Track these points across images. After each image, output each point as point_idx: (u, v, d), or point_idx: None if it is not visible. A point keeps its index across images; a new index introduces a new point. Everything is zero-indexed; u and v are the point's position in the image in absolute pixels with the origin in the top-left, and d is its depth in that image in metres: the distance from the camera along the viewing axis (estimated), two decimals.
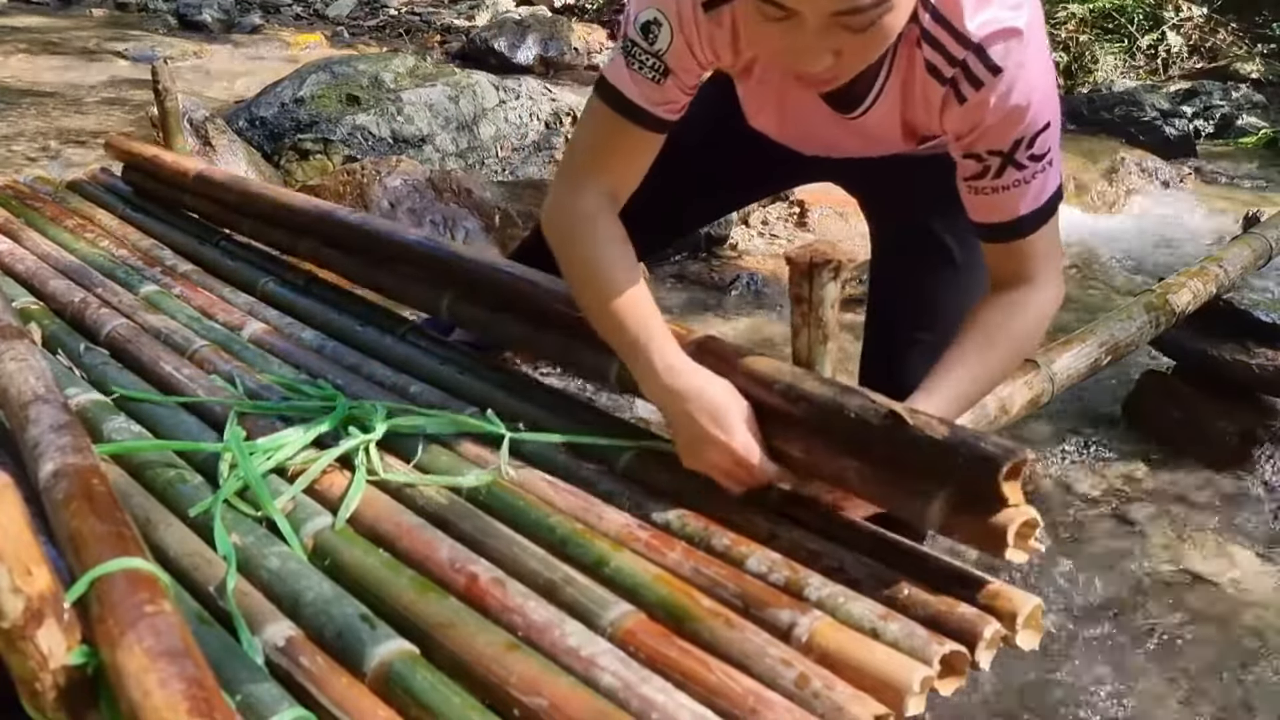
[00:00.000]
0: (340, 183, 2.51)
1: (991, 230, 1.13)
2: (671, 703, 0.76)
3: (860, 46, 0.97)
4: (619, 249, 1.14)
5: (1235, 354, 2.08)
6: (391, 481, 1.06)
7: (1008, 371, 1.23)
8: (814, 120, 1.24)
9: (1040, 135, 1.06)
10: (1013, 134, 1.05)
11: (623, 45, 1.14)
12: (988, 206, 1.12)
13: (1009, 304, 1.15)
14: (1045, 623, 0.90)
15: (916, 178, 1.32)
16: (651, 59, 1.12)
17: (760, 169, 1.43)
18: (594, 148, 1.19)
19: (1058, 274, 1.18)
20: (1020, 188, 1.08)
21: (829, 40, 0.94)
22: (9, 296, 1.44)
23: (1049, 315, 1.18)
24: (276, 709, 0.74)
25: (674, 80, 1.13)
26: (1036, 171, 1.08)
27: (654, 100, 1.14)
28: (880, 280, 1.47)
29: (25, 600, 0.63)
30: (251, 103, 3.81)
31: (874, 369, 1.40)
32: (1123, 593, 1.78)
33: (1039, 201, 1.10)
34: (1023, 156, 1.06)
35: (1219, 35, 6.29)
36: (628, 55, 1.13)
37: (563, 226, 1.17)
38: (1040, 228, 1.12)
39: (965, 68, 1.03)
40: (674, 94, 1.14)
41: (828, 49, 0.95)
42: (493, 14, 6.93)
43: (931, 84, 1.07)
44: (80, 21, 6.46)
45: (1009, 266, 1.15)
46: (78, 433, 0.93)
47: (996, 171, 1.08)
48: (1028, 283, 1.14)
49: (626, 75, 1.13)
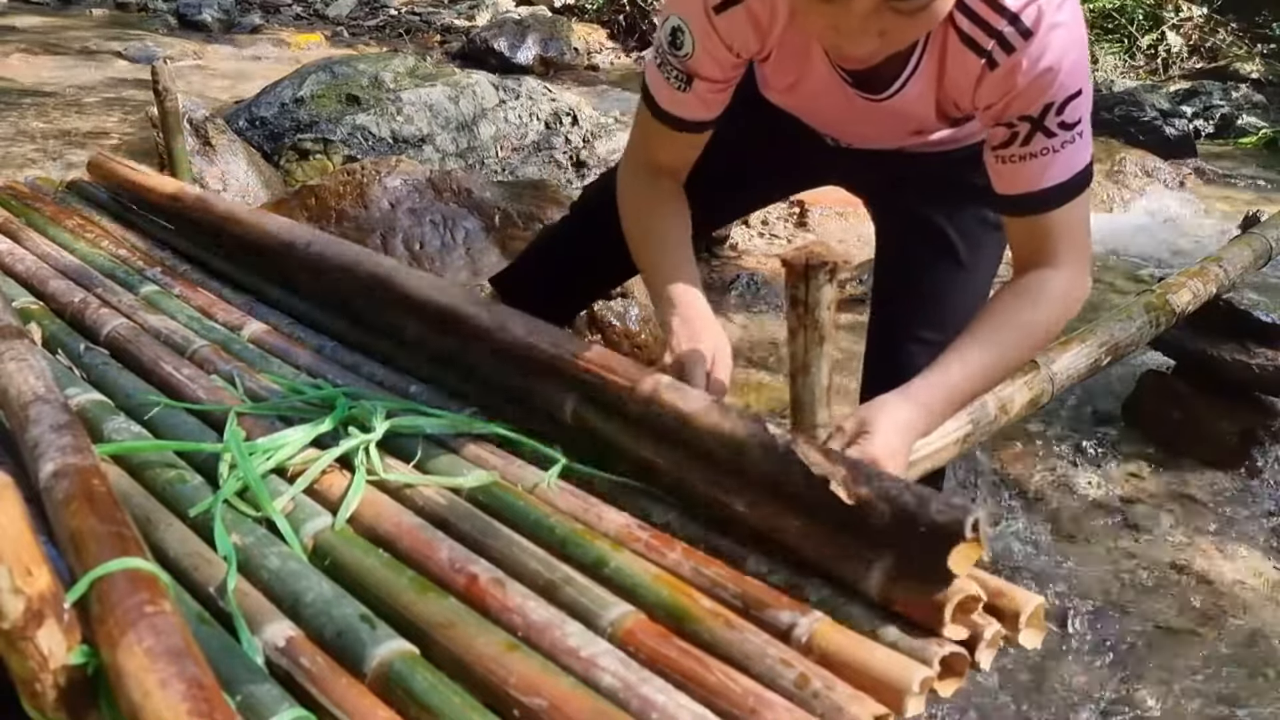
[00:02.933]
0: (340, 183, 2.51)
1: (1016, 203, 1.11)
2: (671, 703, 0.76)
3: (907, 28, 0.97)
4: (662, 203, 1.26)
5: (1235, 354, 2.08)
6: (391, 482, 1.06)
7: (1019, 361, 1.18)
8: (830, 105, 1.24)
9: (1071, 102, 1.05)
10: (1043, 98, 1.04)
11: (655, 48, 1.21)
12: (1013, 176, 1.10)
13: (1024, 290, 1.12)
14: (1045, 622, 0.89)
15: (926, 177, 1.32)
16: (677, 69, 1.18)
17: (777, 167, 1.43)
18: (641, 141, 1.30)
19: (1082, 262, 1.14)
20: (1048, 156, 1.07)
21: (876, 22, 0.95)
22: (9, 296, 1.44)
23: (1069, 305, 1.14)
24: (276, 709, 0.74)
25: (701, 85, 1.18)
26: (1066, 140, 1.06)
27: (681, 107, 1.21)
28: (884, 279, 1.46)
29: (25, 600, 0.63)
30: (251, 103, 3.82)
31: (877, 369, 1.39)
32: (1123, 592, 1.78)
33: (1066, 174, 1.08)
34: (1052, 123, 1.05)
35: (1219, 35, 6.29)
36: (659, 61, 1.20)
37: (621, 186, 1.31)
38: (1066, 204, 1.09)
39: (1001, 37, 1.03)
40: (701, 99, 1.20)
41: (874, 31, 0.96)
42: (493, 14, 6.94)
43: (969, 57, 1.06)
44: (80, 21, 6.46)
45: (1031, 246, 1.13)
46: (78, 433, 0.93)
47: (1025, 138, 1.07)
48: (1048, 266, 1.11)
49: (659, 79, 1.21)
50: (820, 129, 1.34)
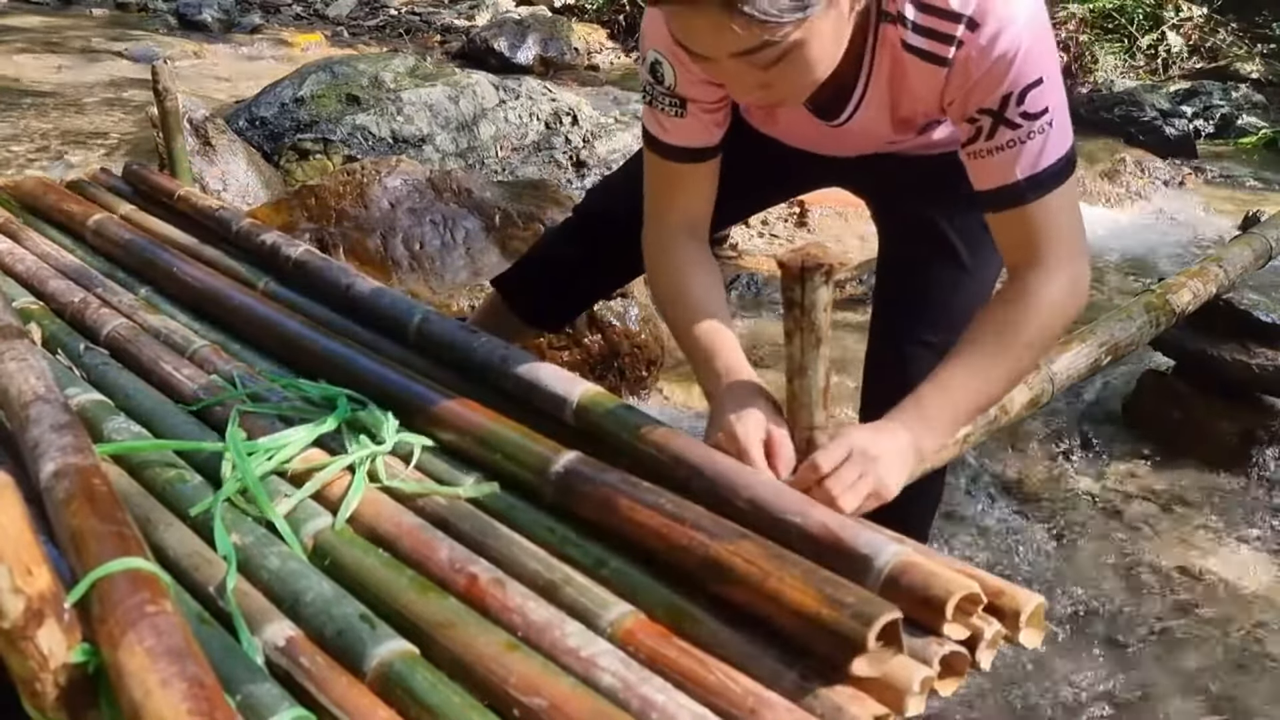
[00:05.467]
0: (340, 183, 2.50)
1: (991, 199, 1.10)
2: (671, 703, 0.76)
3: (782, 78, 0.99)
4: (693, 273, 1.22)
5: (1235, 354, 2.08)
6: (393, 487, 1.06)
7: (1019, 368, 1.14)
8: (803, 129, 1.27)
9: (1031, 91, 1.04)
10: (999, 89, 1.04)
11: (643, 89, 1.23)
12: (985, 171, 1.09)
13: (1014, 297, 1.10)
14: (1045, 621, 0.89)
15: (926, 179, 1.32)
16: (667, 96, 1.20)
17: (773, 174, 1.44)
18: (654, 190, 1.28)
19: (1071, 257, 1.10)
20: (1015, 148, 1.06)
21: (748, 76, 0.98)
22: (9, 296, 1.44)
23: (1064, 304, 1.10)
24: (276, 709, 0.74)
25: (696, 108, 1.19)
26: (1032, 130, 1.05)
27: (684, 133, 1.21)
28: (886, 280, 1.46)
29: (26, 600, 0.63)
30: (251, 103, 3.81)
31: (879, 371, 1.39)
32: (1123, 592, 1.79)
33: (1038, 166, 1.06)
34: (1014, 114, 1.04)
35: (1219, 35, 6.29)
36: (650, 98, 1.21)
37: (648, 259, 1.29)
38: (1043, 196, 1.07)
39: (954, 40, 1.03)
40: (700, 120, 1.20)
41: (752, 83, 1.00)
42: (493, 14, 6.93)
43: (929, 69, 1.06)
44: (80, 21, 6.45)
45: (1014, 243, 1.11)
46: (78, 433, 0.94)
47: (990, 132, 1.06)
48: (1036, 266, 1.09)
49: (654, 117, 1.22)
50: (801, 148, 1.35)
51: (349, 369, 1.26)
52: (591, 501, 0.98)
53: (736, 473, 0.98)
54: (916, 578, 0.83)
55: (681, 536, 0.90)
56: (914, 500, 1.17)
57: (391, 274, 2.32)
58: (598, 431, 1.10)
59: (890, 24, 1.06)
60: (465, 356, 1.27)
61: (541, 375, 1.17)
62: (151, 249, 1.64)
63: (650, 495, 0.95)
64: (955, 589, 0.81)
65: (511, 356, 1.22)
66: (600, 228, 1.52)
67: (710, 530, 0.89)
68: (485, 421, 1.11)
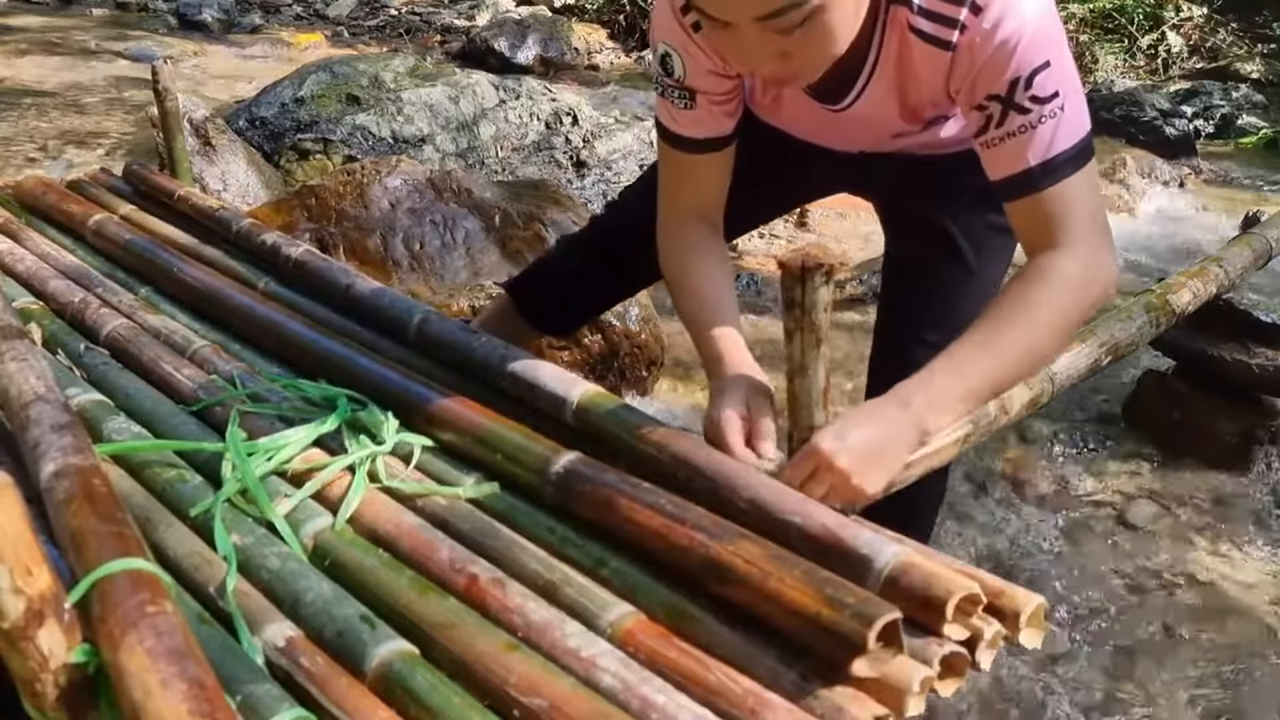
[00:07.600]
0: (340, 183, 2.50)
1: (1007, 187, 1.09)
2: (671, 703, 0.76)
3: (802, 47, 0.98)
4: (698, 260, 1.24)
5: (1235, 354, 2.08)
6: (393, 487, 1.06)
7: (1034, 350, 1.08)
8: (805, 117, 1.27)
9: (1039, 74, 1.03)
10: (1006, 74, 1.03)
11: (655, 81, 1.25)
12: (998, 159, 1.08)
13: (1030, 277, 1.07)
14: (1045, 622, 0.89)
15: (932, 180, 1.32)
16: (676, 88, 1.21)
17: (785, 171, 1.44)
18: (666, 179, 1.29)
19: (1089, 241, 1.08)
20: (1027, 134, 1.05)
21: (768, 44, 0.97)
22: (9, 296, 1.44)
23: (1082, 285, 1.07)
24: (276, 709, 0.74)
25: (705, 99, 1.21)
26: (1043, 115, 1.04)
27: (694, 124, 1.23)
28: (892, 281, 1.46)
29: (26, 600, 0.63)
30: (251, 103, 3.81)
31: (882, 371, 1.39)
32: (1122, 592, 1.79)
33: (1051, 151, 1.05)
34: (1023, 99, 1.03)
35: (1219, 35, 6.29)
36: (660, 89, 1.23)
37: (660, 245, 1.30)
38: (1058, 182, 1.06)
39: (959, 24, 1.03)
40: (710, 111, 1.22)
41: (771, 52, 0.99)
42: (493, 14, 6.93)
43: (936, 54, 1.06)
44: (80, 21, 6.46)
45: (1033, 231, 1.10)
46: (79, 433, 0.94)
47: (1000, 119, 1.05)
48: (1052, 248, 1.07)
49: (665, 109, 1.24)
50: (807, 139, 1.35)
51: (349, 369, 1.26)
52: (591, 502, 0.98)
53: (736, 473, 0.98)
54: (916, 578, 0.83)
55: (681, 537, 0.90)
56: (916, 500, 1.17)
57: (391, 274, 2.32)
58: (597, 432, 1.10)
59: (900, 6, 1.06)
60: (465, 356, 1.27)
61: (541, 375, 1.17)
62: (152, 249, 1.64)
63: (650, 495, 0.95)
64: (955, 589, 0.81)
65: (511, 356, 1.22)
66: (617, 242, 1.54)
67: (710, 530, 0.89)
68: (485, 422, 1.11)
